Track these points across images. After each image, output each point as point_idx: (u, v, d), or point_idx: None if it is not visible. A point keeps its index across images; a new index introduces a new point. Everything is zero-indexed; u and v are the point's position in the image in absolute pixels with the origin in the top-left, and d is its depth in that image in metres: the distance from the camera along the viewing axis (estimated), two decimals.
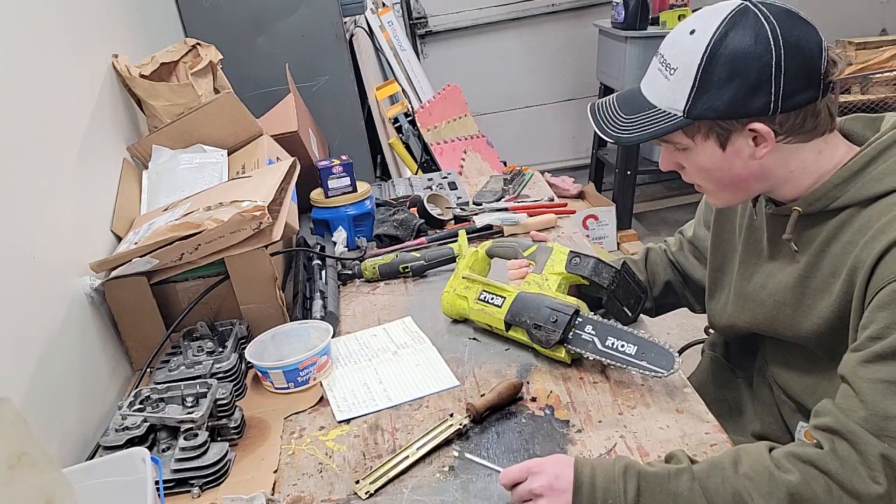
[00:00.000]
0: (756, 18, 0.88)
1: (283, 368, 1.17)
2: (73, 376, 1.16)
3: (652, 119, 0.95)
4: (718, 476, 0.82)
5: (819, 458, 0.81)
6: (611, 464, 0.86)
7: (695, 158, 0.97)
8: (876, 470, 0.77)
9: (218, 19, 2.21)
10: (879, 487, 0.77)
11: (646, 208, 4.01)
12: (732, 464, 0.83)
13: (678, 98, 0.92)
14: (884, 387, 0.80)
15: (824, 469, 0.80)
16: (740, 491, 0.81)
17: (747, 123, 0.90)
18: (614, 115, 1.00)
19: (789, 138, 0.92)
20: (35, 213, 1.15)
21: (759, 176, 0.96)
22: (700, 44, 0.89)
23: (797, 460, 0.81)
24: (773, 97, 0.88)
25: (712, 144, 0.94)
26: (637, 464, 0.86)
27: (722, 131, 0.92)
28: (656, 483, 0.83)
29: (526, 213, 1.73)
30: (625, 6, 3.18)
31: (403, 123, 2.48)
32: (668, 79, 0.93)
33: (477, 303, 1.26)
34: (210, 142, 1.64)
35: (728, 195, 1.01)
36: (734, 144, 0.93)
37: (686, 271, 1.30)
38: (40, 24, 1.31)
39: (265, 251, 1.28)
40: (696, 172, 0.99)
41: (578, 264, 1.18)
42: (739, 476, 0.82)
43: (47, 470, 0.72)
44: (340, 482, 0.98)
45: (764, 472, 0.81)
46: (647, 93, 0.98)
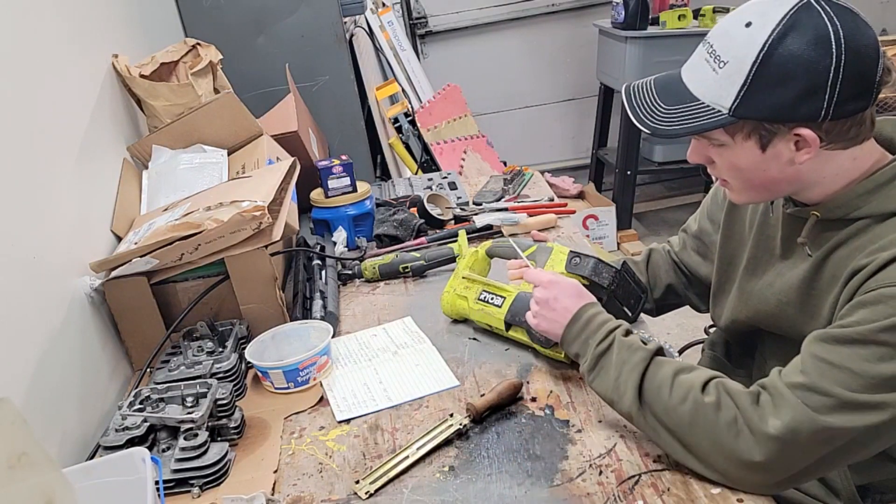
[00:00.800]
0: (819, 17, 0.82)
1: (283, 368, 1.17)
2: (73, 376, 1.16)
3: (693, 113, 0.90)
4: (662, 369, 0.92)
5: (739, 394, 0.86)
6: (604, 318, 1.01)
7: (730, 156, 0.92)
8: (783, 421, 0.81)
9: (218, 19, 2.21)
10: (776, 431, 0.81)
11: (646, 208, 4.01)
12: (678, 369, 0.91)
13: (725, 94, 0.87)
14: (825, 367, 0.82)
15: (739, 404, 0.85)
16: (664, 386, 0.90)
17: (794, 128, 0.86)
18: (653, 103, 0.94)
19: (831, 145, 0.88)
20: (35, 213, 1.15)
21: (791, 180, 0.92)
22: (757, 39, 0.83)
23: (722, 388, 0.87)
24: (826, 104, 0.83)
25: (752, 145, 0.89)
26: (625, 331, 0.99)
27: (766, 133, 0.88)
28: (619, 348, 0.96)
29: (526, 213, 1.73)
30: (625, 6, 3.18)
31: (403, 123, 2.48)
32: (717, 72, 0.87)
33: (477, 303, 1.26)
34: (210, 142, 1.64)
35: (754, 195, 0.98)
36: (775, 147, 0.88)
37: (691, 270, 1.29)
38: (40, 24, 1.31)
39: (265, 251, 1.28)
40: (727, 170, 0.95)
41: (578, 264, 1.18)
42: (674, 378, 0.90)
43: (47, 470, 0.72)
44: (340, 482, 0.98)
45: (690, 384, 0.89)
46: (689, 82, 0.92)
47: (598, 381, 0.97)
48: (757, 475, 0.84)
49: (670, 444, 0.90)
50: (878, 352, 0.80)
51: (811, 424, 0.80)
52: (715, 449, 0.85)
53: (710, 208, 1.24)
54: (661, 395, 0.90)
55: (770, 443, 0.82)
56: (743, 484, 0.86)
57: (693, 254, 1.28)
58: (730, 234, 1.16)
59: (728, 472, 0.86)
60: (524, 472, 0.94)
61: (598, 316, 1.02)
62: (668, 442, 0.90)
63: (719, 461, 0.86)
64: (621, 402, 0.94)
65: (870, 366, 0.79)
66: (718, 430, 0.85)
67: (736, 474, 0.85)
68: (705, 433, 0.86)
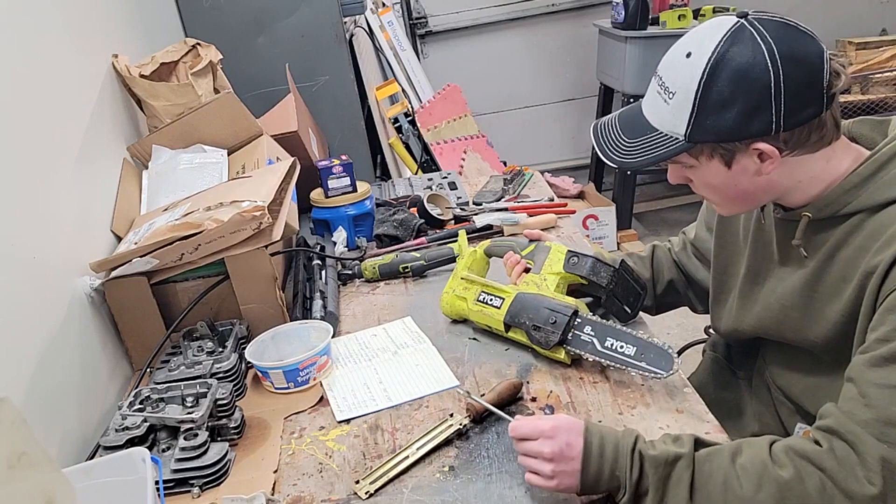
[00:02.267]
0: (752, 38, 0.86)
1: (283, 368, 1.17)
2: (73, 376, 1.16)
3: (654, 143, 0.94)
4: (714, 463, 0.83)
5: (816, 454, 0.81)
6: (618, 437, 0.88)
7: (701, 176, 0.97)
8: (873, 471, 0.77)
9: (218, 19, 2.20)
10: (874, 489, 0.77)
11: (646, 208, 4.01)
12: (731, 454, 0.84)
13: (678, 122, 0.91)
14: (890, 392, 0.79)
15: (820, 466, 0.80)
16: (731, 480, 0.81)
17: (751, 144, 0.89)
18: (617, 138, 0.99)
19: (795, 152, 0.91)
20: (35, 212, 1.15)
21: (766, 188, 0.95)
22: (697, 68, 0.88)
23: (795, 454, 0.82)
24: (775, 117, 0.86)
25: (717, 164, 0.93)
26: (642, 440, 0.87)
27: (725, 152, 0.91)
28: (655, 465, 0.84)
29: (526, 213, 1.73)
30: (625, 6, 3.18)
31: (403, 123, 2.48)
32: (668, 103, 0.92)
33: (476, 304, 1.25)
34: (210, 142, 1.64)
35: (736, 206, 1.02)
36: (739, 163, 0.92)
37: (688, 271, 1.30)
38: (40, 24, 1.31)
39: (265, 251, 1.28)
40: (703, 188, 0.99)
41: (577, 264, 1.18)
42: (735, 466, 0.82)
43: (47, 470, 0.72)
44: (340, 482, 0.98)
45: (759, 464, 0.82)
46: (648, 115, 0.97)
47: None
48: None
49: None
50: None
51: None
52: None
53: (706, 215, 1.26)
54: (732, 492, 0.81)
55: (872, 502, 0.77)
56: None
57: (692, 257, 1.30)
58: (723, 244, 1.17)
59: None
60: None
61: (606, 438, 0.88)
62: None
63: None
64: None
65: None
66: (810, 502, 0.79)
67: None
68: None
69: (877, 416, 0.79)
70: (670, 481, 0.84)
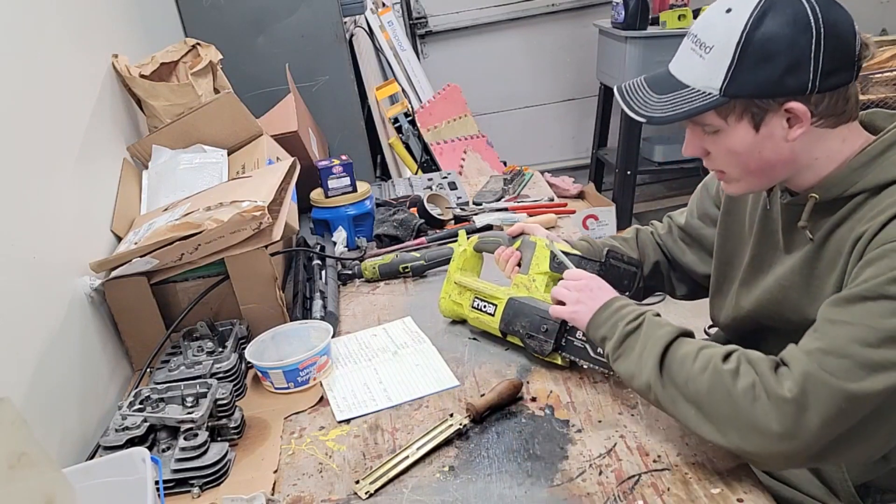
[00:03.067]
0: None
1: (283, 368, 1.17)
2: (73, 376, 1.16)
3: (686, 98, 0.93)
4: (688, 345, 0.93)
5: (759, 360, 0.87)
6: (636, 306, 1.01)
7: (725, 141, 0.94)
8: (795, 381, 0.82)
9: (218, 19, 2.20)
10: (789, 393, 0.81)
11: (646, 208, 4.01)
12: (704, 344, 0.92)
13: (714, 76, 0.90)
14: (839, 326, 0.83)
15: (758, 370, 0.85)
16: (688, 358, 0.90)
17: (784, 103, 0.89)
18: (645, 95, 0.98)
19: (821, 121, 0.91)
20: (35, 212, 1.15)
21: (786, 161, 0.93)
22: (738, 22, 0.88)
23: (743, 357, 0.88)
24: (812, 76, 0.86)
25: (746, 125, 0.92)
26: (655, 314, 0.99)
27: (758, 111, 0.90)
28: (648, 327, 0.96)
29: (526, 213, 1.73)
30: (625, 6, 3.18)
31: (403, 123, 2.48)
32: (704, 58, 0.91)
33: (472, 310, 1.26)
34: (210, 142, 1.64)
35: (751, 181, 0.98)
36: (768, 125, 0.91)
37: (673, 255, 1.30)
38: (40, 24, 1.31)
39: (265, 251, 1.28)
40: (723, 156, 0.96)
41: (562, 263, 1.18)
42: (698, 351, 0.91)
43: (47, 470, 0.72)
44: (340, 482, 0.98)
45: (713, 354, 0.89)
46: (677, 73, 0.96)
47: (622, 359, 0.97)
48: (775, 444, 0.82)
49: (688, 415, 0.89)
50: (888, 306, 0.80)
51: (827, 388, 0.79)
52: (732, 416, 0.84)
53: (701, 203, 1.25)
54: (684, 366, 0.90)
55: (785, 406, 0.81)
56: (763, 456, 0.84)
57: (678, 241, 1.29)
58: (727, 235, 1.17)
59: (746, 441, 0.84)
60: (524, 472, 0.94)
61: (629, 305, 1.02)
62: (686, 412, 0.89)
63: (737, 430, 0.84)
64: (641, 375, 0.93)
65: (882, 321, 0.80)
66: (736, 395, 0.84)
67: (754, 444, 0.83)
68: (723, 400, 0.85)
69: (820, 347, 0.83)
70: (651, 340, 0.94)
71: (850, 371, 0.79)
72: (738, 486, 0.88)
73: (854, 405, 0.80)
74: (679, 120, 0.93)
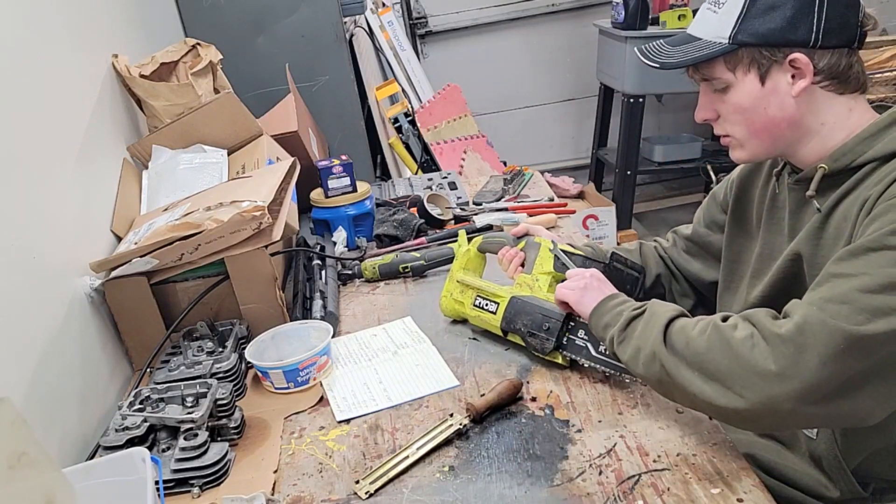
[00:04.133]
0: None
1: (283, 368, 1.17)
2: (73, 376, 1.16)
3: (698, 47, 0.98)
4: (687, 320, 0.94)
5: (757, 314, 0.88)
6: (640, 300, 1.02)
7: (733, 97, 0.98)
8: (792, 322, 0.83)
9: (218, 19, 2.20)
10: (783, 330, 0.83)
11: (646, 208, 4.01)
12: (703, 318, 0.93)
13: (725, 26, 0.95)
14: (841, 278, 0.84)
15: (755, 321, 0.87)
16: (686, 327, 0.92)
17: (789, 54, 0.93)
18: (660, 47, 1.04)
19: (825, 82, 0.94)
20: (35, 212, 1.15)
21: (791, 122, 0.97)
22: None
23: (741, 316, 0.90)
24: (816, 28, 0.91)
25: (753, 78, 0.96)
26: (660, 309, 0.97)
27: (764, 61, 0.94)
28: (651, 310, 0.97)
29: (526, 213, 1.73)
30: (625, 6, 3.18)
31: (403, 123, 2.48)
32: (717, 12, 0.97)
33: (473, 309, 1.26)
34: (210, 142, 1.64)
35: (757, 145, 1.01)
36: (773, 79, 0.95)
37: (678, 266, 1.31)
38: (40, 24, 1.31)
39: (265, 251, 1.28)
40: (732, 114, 1.00)
41: (566, 264, 1.18)
42: (698, 321, 0.92)
43: (47, 470, 0.72)
44: (340, 482, 0.98)
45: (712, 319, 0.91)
46: (693, 31, 1.02)
47: (625, 342, 0.97)
48: (776, 386, 0.81)
49: (690, 379, 0.88)
50: (891, 255, 0.81)
51: (825, 328, 0.80)
52: (732, 367, 0.84)
53: (708, 211, 1.27)
54: (685, 332, 0.91)
55: (782, 346, 0.81)
56: (765, 403, 0.82)
57: (683, 253, 1.31)
58: (735, 232, 1.18)
59: (748, 388, 0.83)
60: (524, 472, 0.94)
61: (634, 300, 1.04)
62: (688, 377, 0.88)
63: (738, 380, 0.84)
64: (645, 348, 0.93)
65: (884, 270, 0.81)
66: (734, 345, 0.85)
67: (756, 390, 0.82)
68: (722, 353, 0.86)
69: (822, 296, 0.84)
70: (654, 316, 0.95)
71: (851, 315, 0.80)
72: (738, 486, 0.88)
73: (854, 348, 0.80)
74: (689, 64, 0.98)
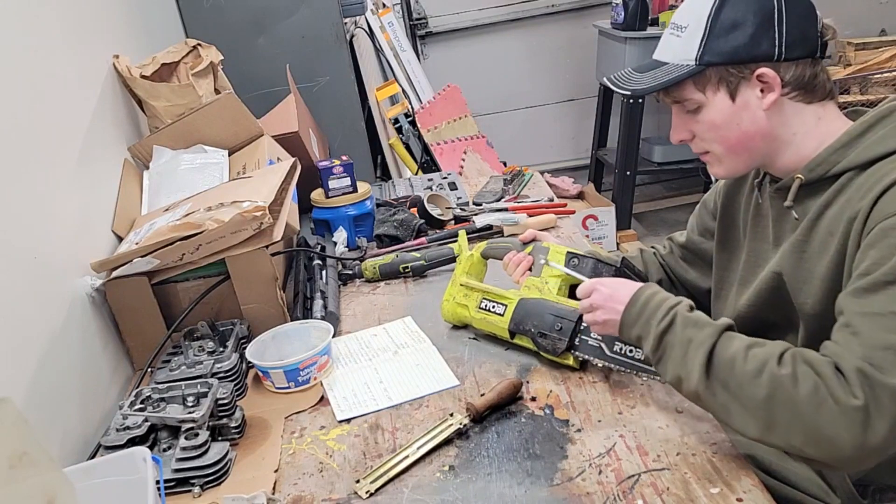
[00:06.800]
0: None
1: (283, 368, 1.18)
2: (74, 376, 1.17)
3: (665, 72, 1.00)
4: (733, 344, 0.88)
5: (817, 361, 0.84)
6: (664, 297, 0.96)
7: (706, 116, 0.99)
8: (854, 384, 0.80)
9: (218, 20, 2.21)
10: (857, 401, 0.79)
11: (645, 208, 4.01)
12: (749, 343, 0.88)
13: (690, 50, 0.97)
14: (872, 319, 0.82)
15: (818, 371, 0.83)
16: (738, 359, 0.86)
17: (755, 69, 0.95)
18: (628, 74, 1.05)
19: (793, 93, 0.96)
20: (36, 213, 1.15)
21: (765, 134, 0.98)
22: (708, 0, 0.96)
23: (799, 358, 0.85)
24: (778, 42, 0.93)
25: (723, 96, 0.97)
26: (688, 306, 0.94)
27: (732, 79, 0.96)
28: (684, 325, 0.92)
29: (526, 213, 1.73)
30: (624, 7, 3.18)
31: (403, 124, 2.48)
32: (680, 37, 0.99)
33: (478, 311, 1.24)
34: (211, 142, 1.65)
35: (734, 160, 1.02)
36: (743, 95, 0.96)
37: (676, 273, 1.32)
38: (41, 25, 1.31)
39: (266, 251, 1.28)
40: (707, 132, 1.01)
41: (577, 265, 1.17)
42: (747, 351, 0.87)
43: (48, 470, 0.73)
44: (341, 481, 0.98)
45: (766, 355, 0.86)
46: (658, 56, 1.03)
47: (663, 361, 0.93)
48: (845, 452, 0.80)
49: (745, 421, 0.85)
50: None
51: (887, 390, 0.78)
52: (796, 422, 0.82)
53: (700, 219, 1.28)
54: (735, 370, 0.86)
55: (854, 414, 0.79)
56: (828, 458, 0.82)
57: (680, 260, 1.32)
58: (724, 241, 1.19)
59: (811, 447, 0.82)
60: (524, 472, 0.94)
61: (656, 295, 0.97)
62: (743, 419, 0.85)
63: (801, 435, 0.82)
64: (688, 380, 0.89)
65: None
66: (799, 402, 0.81)
67: (821, 451, 0.82)
68: (785, 407, 0.82)
69: (862, 343, 0.82)
70: (692, 343, 0.90)
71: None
72: (738, 486, 0.88)
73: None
74: (659, 89, 0.99)
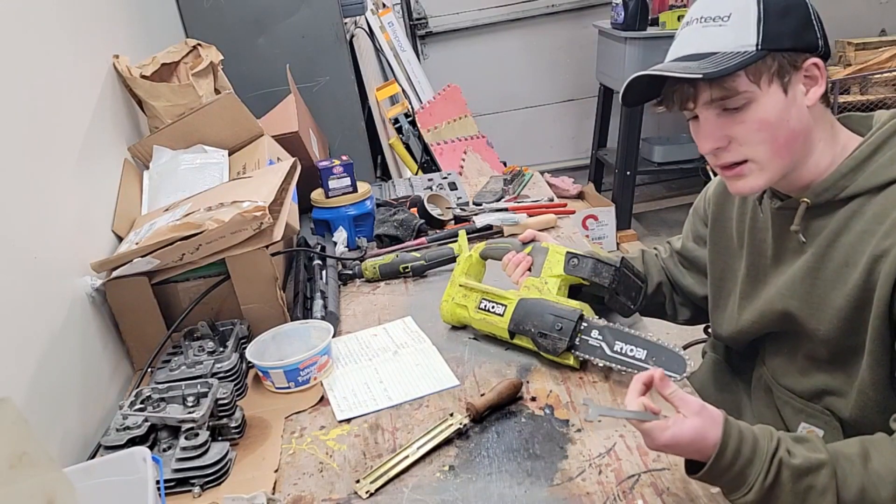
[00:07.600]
0: None
1: (283, 368, 1.18)
2: (75, 376, 1.17)
3: (726, 58, 0.89)
4: (848, 469, 0.82)
5: None
6: (756, 437, 0.83)
7: (757, 113, 0.91)
8: None
9: (219, 20, 2.21)
10: None
11: (645, 208, 4.01)
12: (862, 458, 0.82)
13: (745, 35, 0.89)
14: None
15: None
16: (868, 487, 0.80)
17: (807, 59, 0.91)
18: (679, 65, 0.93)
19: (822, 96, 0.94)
20: (36, 213, 1.15)
21: (806, 135, 0.93)
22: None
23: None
24: (819, 34, 0.92)
25: (777, 90, 0.90)
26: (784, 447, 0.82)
27: (787, 69, 0.90)
28: (797, 475, 0.81)
29: (526, 213, 1.73)
30: (624, 7, 3.18)
31: (403, 124, 2.48)
32: (724, 25, 0.91)
33: (477, 312, 1.24)
34: (211, 142, 1.65)
35: (779, 164, 0.93)
36: (793, 88, 0.91)
37: (675, 278, 1.32)
38: (41, 25, 1.31)
39: (266, 251, 1.28)
40: (754, 133, 0.91)
41: (577, 266, 1.17)
42: (869, 471, 0.81)
43: (48, 470, 0.72)
44: (341, 481, 0.98)
45: (893, 471, 0.81)
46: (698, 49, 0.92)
47: None
48: None
49: None
50: None
51: None
52: None
53: (693, 226, 1.27)
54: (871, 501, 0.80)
55: None
56: None
57: (678, 265, 1.32)
58: (718, 250, 1.18)
59: None
60: (524, 472, 0.94)
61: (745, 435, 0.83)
62: None
63: None
64: None
65: None
66: None
67: None
68: None
69: None
70: (814, 491, 0.81)
71: None
72: None
73: None
74: (732, 71, 0.88)
